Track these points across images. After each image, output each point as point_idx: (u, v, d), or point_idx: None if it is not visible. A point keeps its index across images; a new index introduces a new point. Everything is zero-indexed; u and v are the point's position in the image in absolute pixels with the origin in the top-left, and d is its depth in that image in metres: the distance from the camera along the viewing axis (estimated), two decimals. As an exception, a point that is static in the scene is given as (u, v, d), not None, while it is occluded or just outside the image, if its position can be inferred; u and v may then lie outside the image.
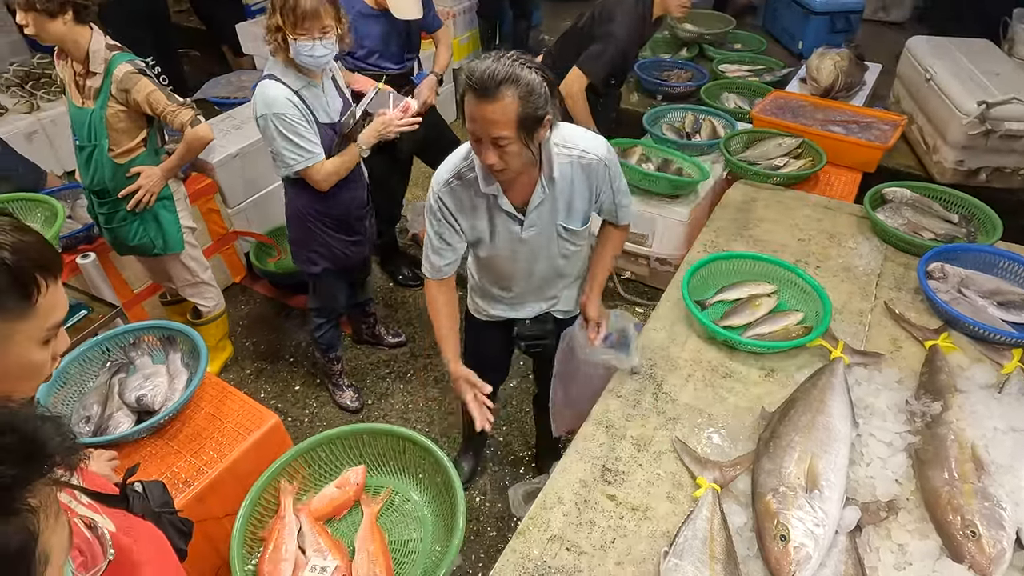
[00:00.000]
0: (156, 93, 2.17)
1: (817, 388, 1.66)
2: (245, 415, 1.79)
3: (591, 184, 1.68)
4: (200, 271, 2.67)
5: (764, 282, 2.06)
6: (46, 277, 0.77)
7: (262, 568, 1.19)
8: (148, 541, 0.97)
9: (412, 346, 3.08)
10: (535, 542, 1.42)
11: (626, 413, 1.72)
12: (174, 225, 2.48)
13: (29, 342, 0.77)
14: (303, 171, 2.14)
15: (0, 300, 0.73)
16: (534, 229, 1.69)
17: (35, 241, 0.77)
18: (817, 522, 1.35)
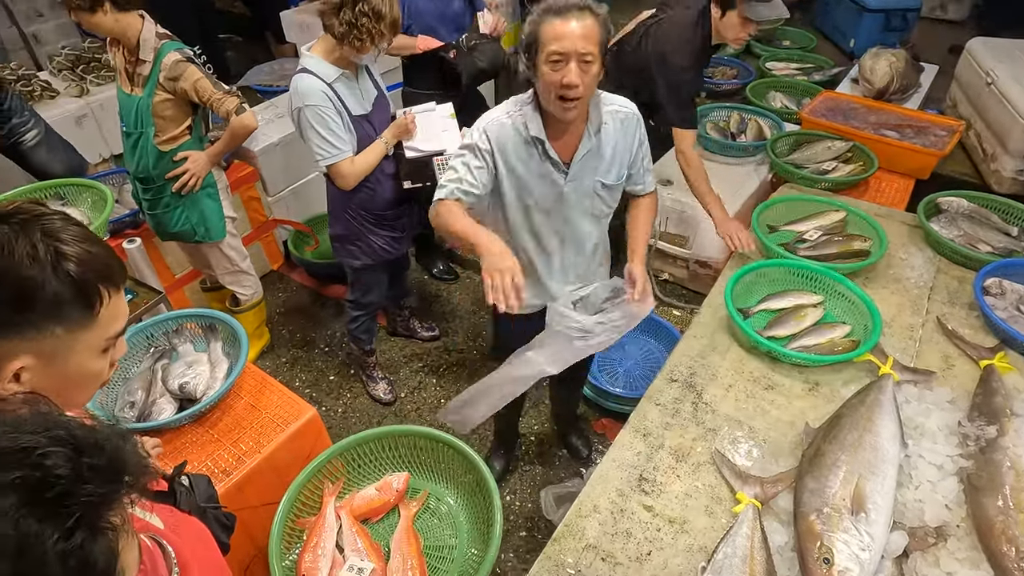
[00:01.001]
0: (203, 81, 2.20)
1: (865, 405, 1.61)
2: (283, 406, 1.80)
3: (629, 138, 1.73)
4: (239, 260, 2.71)
5: (810, 292, 2.01)
6: (109, 288, 0.78)
7: (302, 564, 1.20)
8: (195, 539, 0.98)
9: (445, 340, 3.08)
10: (570, 550, 1.41)
11: (664, 422, 1.69)
12: (217, 213, 2.52)
13: (89, 351, 0.78)
14: (330, 168, 2.14)
15: (63, 311, 0.74)
16: (575, 183, 1.71)
17: (101, 252, 0.77)
18: (863, 546, 1.31)
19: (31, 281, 0.71)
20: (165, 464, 1.62)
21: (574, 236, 1.83)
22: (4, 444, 0.51)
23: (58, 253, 0.73)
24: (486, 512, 1.32)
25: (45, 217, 0.75)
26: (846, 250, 2.16)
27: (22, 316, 0.71)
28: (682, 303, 3.10)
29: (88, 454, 0.53)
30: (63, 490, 0.50)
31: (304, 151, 3.30)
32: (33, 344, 0.72)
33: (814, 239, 2.22)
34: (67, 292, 0.73)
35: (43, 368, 0.74)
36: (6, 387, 0.72)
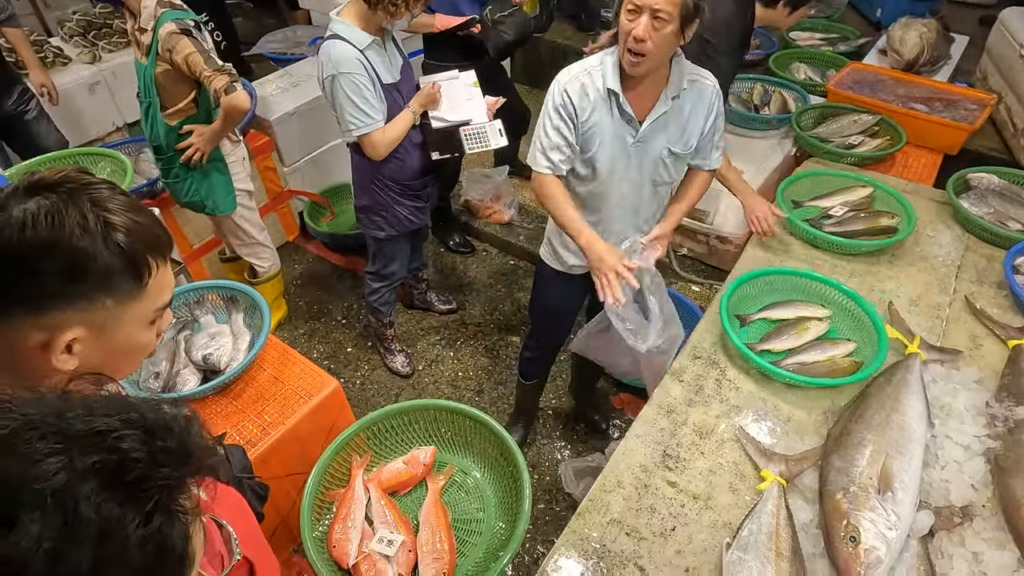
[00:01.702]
0: (194, 56, 2.11)
1: (892, 385, 1.60)
2: (306, 378, 1.81)
3: (705, 109, 1.71)
4: (255, 232, 2.69)
5: (818, 304, 1.88)
6: (156, 259, 0.77)
7: (332, 536, 1.22)
8: (234, 511, 0.99)
9: (462, 313, 3.08)
10: (594, 524, 1.41)
11: (688, 398, 1.68)
12: (225, 187, 2.48)
13: (138, 323, 0.77)
14: (362, 137, 2.11)
15: (113, 282, 0.73)
16: (644, 144, 1.70)
17: (148, 222, 0.76)
18: (889, 525, 1.31)
19: (83, 252, 0.70)
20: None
21: (631, 199, 1.81)
22: (79, 427, 0.50)
23: (107, 223, 0.72)
24: (514, 487, 1.32)
25: (93, 186, 0.74)
26: (873, 227, 2.11)
27: (74, 287, 0.70)
28: (701, 278, 3.07)
29: (160, 436, 0.53)
30: (141, 474, 0.50)
31: (321, 120, 3.30)
32: (84, 316, 0.71)
33: (840, 215, 2.18)
34: (117, 263, 0.72)
35: (94, 339, 0.73)
36: (59, 358, 0.71)
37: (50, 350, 0.71)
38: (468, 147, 2.21)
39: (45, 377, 0.73)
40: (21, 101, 2.95)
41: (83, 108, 3.60)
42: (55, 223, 0.69)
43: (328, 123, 3.30)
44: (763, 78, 3.26)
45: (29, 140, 2.99)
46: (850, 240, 2.03)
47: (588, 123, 1.68)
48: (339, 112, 2.10)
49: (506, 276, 3.24)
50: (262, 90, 3.27)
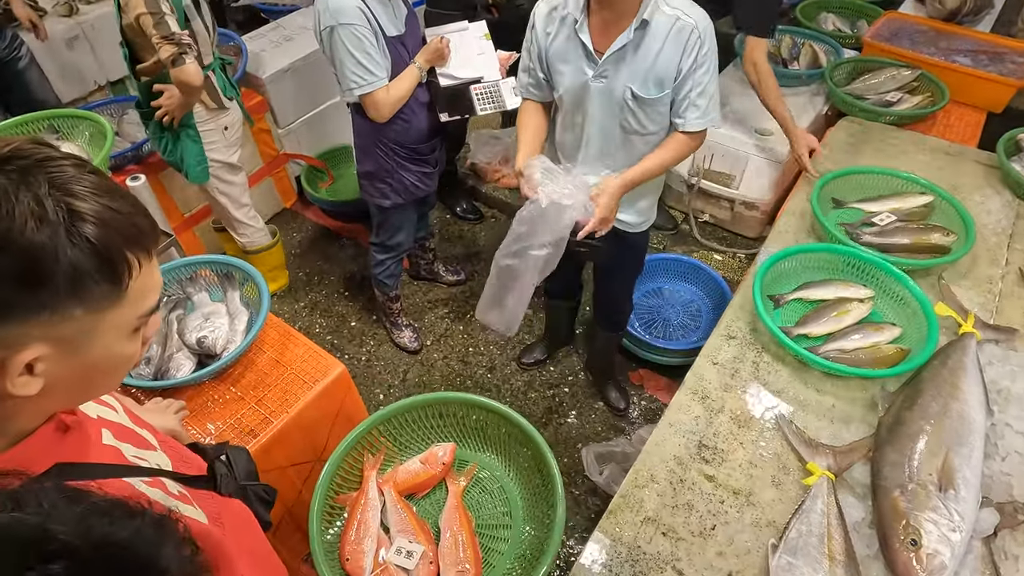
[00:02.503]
0: (145, 17, 1.90)
1: (947, 368, 1.47)
2: (309, 361, 1.68)
3: (679, 51, 1.52)
4: (232, 208, 2.52)
5: (859, 284, 1.71)
6: (138, 255, 0.60)
7: (345, 547, 1.10)
8: (240, 528, 0.87)
9: (471, 284, 2.93)
10: (627, 523, 1.30)
11: (724, 383, 1.56)
12: (195, 156, 2.30)
13: (117, 333, 0.61)
14: (364, 97, 1.93)
15: (83, 287, 0.56)
16: (604, 81, 1.57)
17: (126, 208, 0.59)
18: (953, 526, 1.20)
19: (40, 250, 0.53)
20: (189, 426, 1.51)
21: (598, 144, 1.69)
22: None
23: (72, 212, 0.55)
24: (543, 487, 1.20)
25: (52, 163, 0.56)
26: (920, 243, 1.79)
27: (31, 295, 0.54)
28: (723, 246, 2.91)
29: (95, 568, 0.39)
30: None
31: (317, 78, 3.09)
32: (47, 329, 0.56)
33: (884, 223, 1.87)
34: (87, 262, 0.55)
35: (61, 357, 0.58)
36: (15, 382, 0.56)
37: (3, 372, 0.55)
38: (479, 107, 2.03)
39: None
40: (12, 47, 2.75)
41: (61, 66, 3.37)
42: (1, 212, 0.52)
43: (325, 80, 3.10)
44: (792, 29, 3.03)
45: (22, 92, 2.80)
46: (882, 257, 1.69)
47: (550, 51, 1.61)
48: (338, 68, 1.91)
49: (516, 244, 3.08)
50: (252, 45, 3.05)
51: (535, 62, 1.66)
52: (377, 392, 2.56)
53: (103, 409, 0.76)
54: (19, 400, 0.57)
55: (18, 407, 0.59)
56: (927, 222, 1.89)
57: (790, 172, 2.72)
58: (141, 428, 0.83)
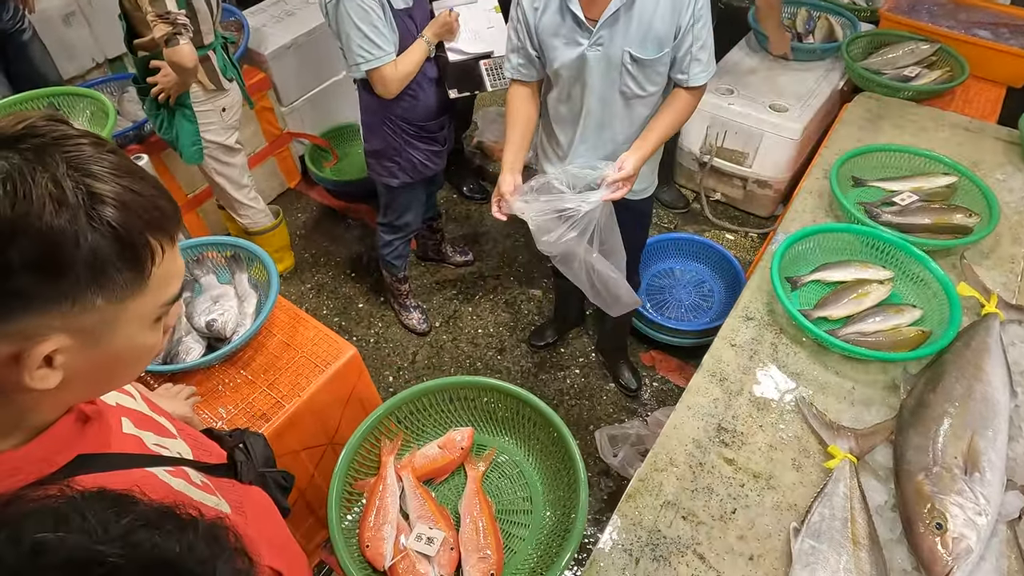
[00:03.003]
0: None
1: (971, 350, 1.44)
2: (320, 344, 1.66)
3: (677, 9, 1.50)
4: (231, 189, 2.48)
5: (878, 265, 1.67)
6: (162, 240, 0.56)
7: (364, 534, 1.08)
8: (261, 515, 0.86)
9: (480, 265, 2.90)
10: (647, 507, 1.29)
11: (742, 365, 1.53)
12: (189, 136, 2.26)
13: (140, 323, 0.58)
14: (371, 72, 1.88)
15: (105, 275, 0.52)
16: (601, 49, 1.53)
17: (148, 191, 0.55)
18: (979, 510, 1.18)
19: (60, 235, 0.49)
20: (201, 411, 1.50)
21: (598, 113, 1.64)
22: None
23: (92, 194, 0.51)
24: (565, 473, 1.19)
25: (69, 141, 0.52)
26: (941, 223, 1.75)
27: (51, 285, 0.50)
28: (735, 226, 2.87)
29: None
30: None
31: (321, 54, 3.03)
32: (67, 320, 0.52)
33: (905, 203, 1.82)
34: (108, 248, 0.51)
35: (81, 349, 0.54)
36: (34, 375, 0.53)
37: (22, 365, 0.52)
38: (489, 83, 1.97)
39: (13, 396, 0.55)
40: (16, 19, 2.69)
41: (58, 43, 3.29)
42: (17, 195, 0.48)
43: (330, 56, 3.03)
44: (807, 1, 2.95)
45: (25, 65, 2.74)
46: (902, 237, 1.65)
47: (540, 26, 1.56)
48: (345, 43, 1.85)
49: (524, 224, 3.01)
50: (254, 20, 2.98)
51: (524, 40, 1.61)
52: (387, 374, 2.54)
53: (122, 397, 0.74)
54: (38, 393, 0.54)
55: (37, 400, 0.57)
56: (949, 202, 1.85)
57: (804, 149, 2.67)
58: (160, 416, 0.81)
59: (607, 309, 1.80)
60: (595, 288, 1.74)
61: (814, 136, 2.63)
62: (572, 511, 1.08)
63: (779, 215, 2.26)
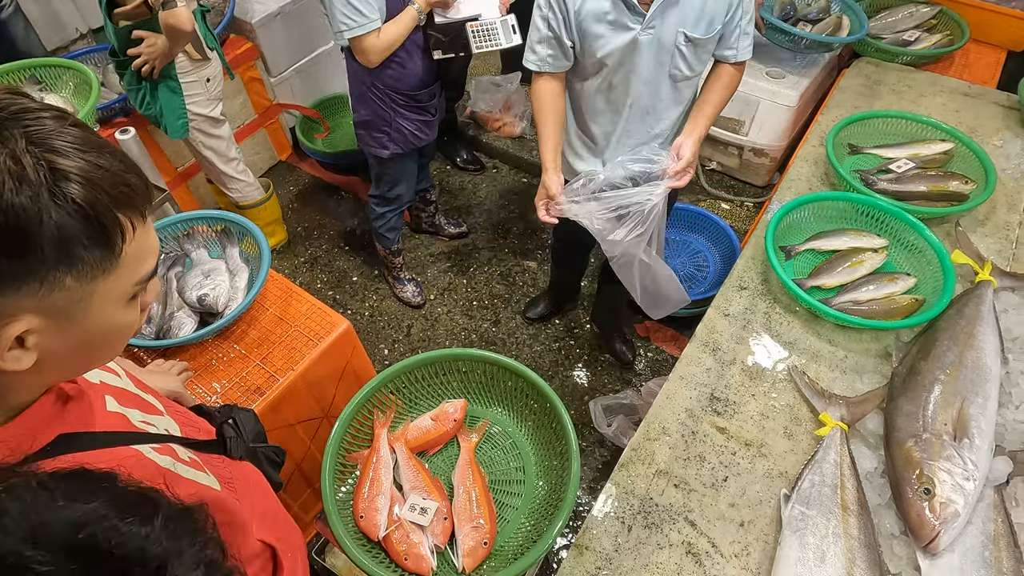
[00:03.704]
0: None
1: (964, 318, 1.44)
2: (314, 318, 1.65)
3: None
4: (219, 163, 2.44)
5: (872, 234, 1.67)
6: (132, 216, 0.54)
7: (358, 504, 1.09)
8: (252, 489, 0.86)
9: (473, 237, 2.88)
10: (639, 476, 1.30)
11: (735, 335, 1.53)
12: (175, 110, 2.21)
13: (114, 302, 0.57)
14: (354, 41, 1.83)
15: (72, 254, 0.51)
16: (652, 32, 1.46)
17: (115, 165, 0.53)
18: (967, 475, 1.20)
19: (21, 213, 0.48)
20: (195, 386, 1.50)
21: (646, 101, 1.58)
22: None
23: (54, 170, 0.50)
24: (557, 443, 1.19)
25: (29, 115, 0.51)
26: (938, 190, 1.75)
27: (16, 264, 0.49)
28: (731, 195, 2.85)
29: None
30: None
31: (310, 22, 2.96)
32: (37, 300, 0.51)
33: (902, 171, 1.82)
34: (74, 226, 0.50)
35: (55, 329, 0.54)
36: (6, 356, 0.52)
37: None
38: (475, 45, 1.92)
39: None
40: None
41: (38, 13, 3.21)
42: None
43: (318, 25, 2.97)
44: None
45: (7, 44, 2.67)
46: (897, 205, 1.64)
47: (582, 13, 1.47)
48: (329, 9, 1.81)
49: (518, 195, 3.01)
50: (240, -12, 2.90)
51: (560, 30, 1.51)
52: (382, 347, 2.54)
53: (105, 375, 0.73)
54: (13, 375, 0.53)
55: (13, 381, 0.56)
56: (946, 169, 1.84)
57: (801, 117, 2.63)
58: (146, 393, 0.80)
59: (652, 310, 1.74)
60: (646, 289, 1.67)
61: (811, 103, 2.59)
62: (564, 481, 1.09)
63: (775, 184, 2.24)
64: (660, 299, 1.70)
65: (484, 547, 1.06)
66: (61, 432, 0.58)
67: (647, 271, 1.63)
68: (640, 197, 1.53)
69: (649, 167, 1.58)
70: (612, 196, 1.54)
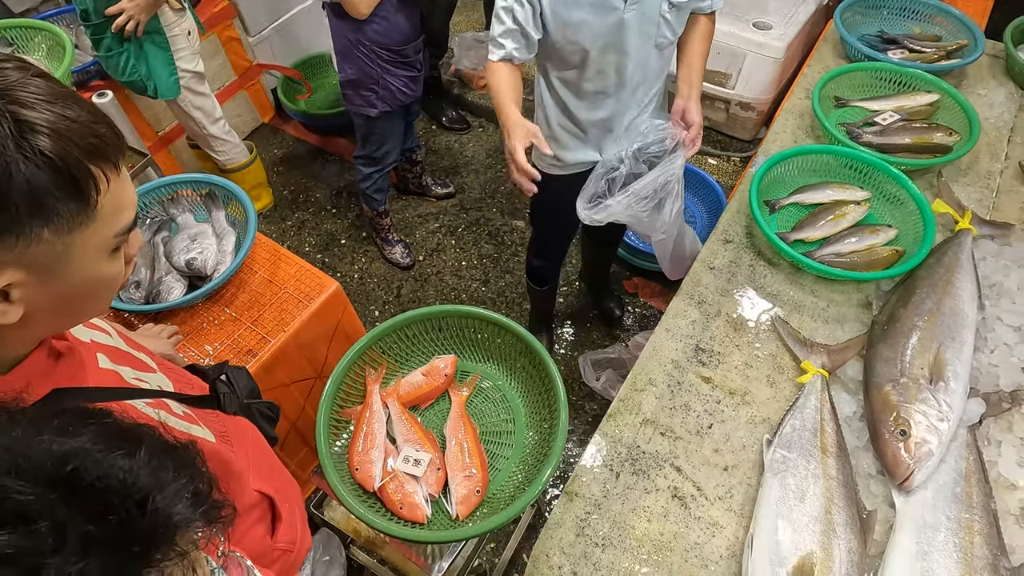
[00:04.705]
0: None
1: (943, 266, 1.47)
2: (303, 280, 1.66)
3: None
4: (207, 123, 2.39)
5: (855, 186, 1.68)
6: (104, 168, 0.54)
7: (353, 458, 1.12)
8: (248, 443, 0.89)
9: (461, 197, 2.87)
10: (627, 425, 1.34)
11: (720, 287, 1.56)
12: (165, 67, 2.14)
13: (96, 255, 0.57)
14: None
15: (45, 206, 0.51)
16: (637, 7, 1.41)
17: (83, 116, 0.53)
18: (941, 416, 1.24)
19: None
20: (187, 348, 1.51)
21: (637, 77, 1.55)
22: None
23: (19, 122, 0.49)
24: (546, 395, 1.22)
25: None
26: (922, 142, 1.75)
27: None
28: (718, 150, 2.85)
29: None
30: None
31: (287, -22, 2.88)
32: (17, 255, 0.51)
33: (887, 123, 1.81)
34: (44, 179, 0.50)
35: (38, 283, 0.54)
36: None
37: None
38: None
39: None
40: None
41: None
42: None
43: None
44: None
45: None
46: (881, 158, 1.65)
47: (558, 2, 1.40)
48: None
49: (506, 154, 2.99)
50: (213, -57, 2.80)
51: (528, 24, 1.43)
52: (372, 309, 2.56)
53: (95, 333, 0.74)
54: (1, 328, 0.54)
55: (3, 335, 0.57)
56: (931, 120, 1.84)
57: (788, 69, 2.61)
58: (138, 351, 0.81)
59: (677, 272, 1.71)
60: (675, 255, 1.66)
61: (798, 55, 2.57)
62: (554, 430, 1.12)
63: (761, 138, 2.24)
64: (684, 260, 1.69)
65: (477, 495, 1.10)
66: (55, 387, 0.60)
67: (680, 239, 1.64)
68: (667, 176, 1.51)
69: (661, 146, 1.56)
70: (641, 185, 1.51)
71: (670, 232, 1.62)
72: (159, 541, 0.38)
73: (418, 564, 1.31)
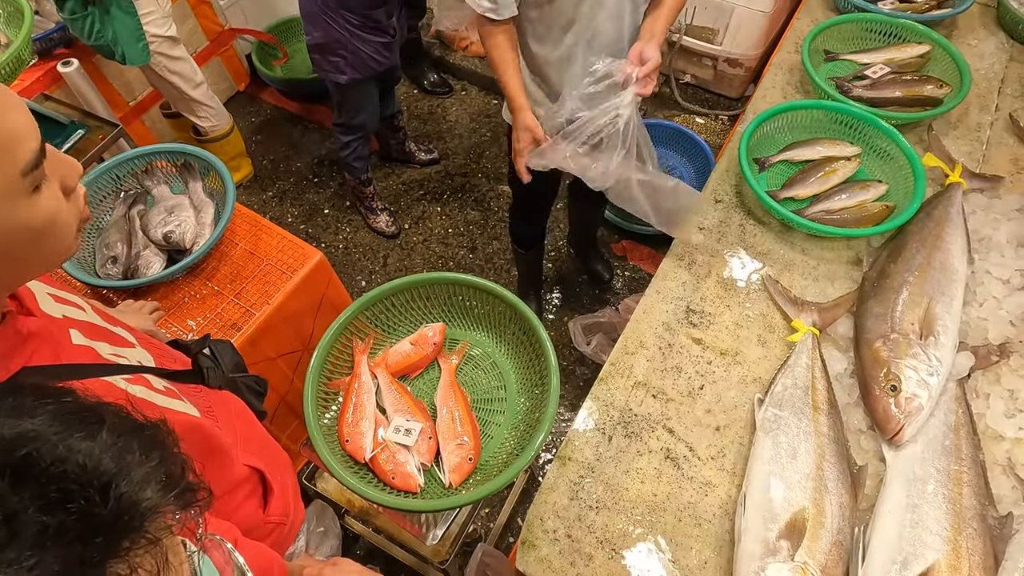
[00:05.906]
0: None
1: (933, 220, 1.46)
2: (285, 251, 1.63)
3: None
4: (187, 88, 2.30)
5: (846, 142, 1.65)
6: None
7: (343, 429, 1.11)
8: (234, 416, 0.87)
9: (446, 163, 2.81)
10: (618, 388, 1.33)
11: (710, 248, 1.54)
12: (133, 33, 2.04)
13: (7, 198, 0.50)
14: None
15: None
16: None
17: None
18: (931, 371, 1.25)
19: None
20: (170, 324, 1.48)
21: (613, 32, 1.50)
22: None
23: None
24: (536, 361, 1.21)
25: None
26: (912, 95, 1.71)
27: None
28: (706, 109, 2.80)
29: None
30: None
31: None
32: None
33: (876, 76, 1.77)
34: None
35: None
36: None
37: None
38: None
39: None
40: None
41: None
42: None
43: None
44: None
45: None
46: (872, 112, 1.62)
47: None
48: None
49: (490, 118, 2.93)
50: (177, -101, 2.67)
51: None
52: (359, 279, 2.52)
53: (68, 308, 0.71)
54: None
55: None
56: (922, 72, 1.81)
57: (777, 23, 2.56)
58: (115, 326, 0.78)
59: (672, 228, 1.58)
60: (658, 208, 1.53)
61: (787, 7, 2.51)
62: (545, 395, 1.11)
63: (750, 95, 2.20)
64: (674, 212, 1.55)
65: (469, 463, 1.10)
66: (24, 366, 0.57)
67: (651, 190, 1.50)
68: (608, 116, 1.41)
69: (607, 81, 1.44)
70: (581, 126, 1.43)
71: (620, 179, 1.48)
72: (125, 529, 0.36)
73: (413, 532, 1.31)
